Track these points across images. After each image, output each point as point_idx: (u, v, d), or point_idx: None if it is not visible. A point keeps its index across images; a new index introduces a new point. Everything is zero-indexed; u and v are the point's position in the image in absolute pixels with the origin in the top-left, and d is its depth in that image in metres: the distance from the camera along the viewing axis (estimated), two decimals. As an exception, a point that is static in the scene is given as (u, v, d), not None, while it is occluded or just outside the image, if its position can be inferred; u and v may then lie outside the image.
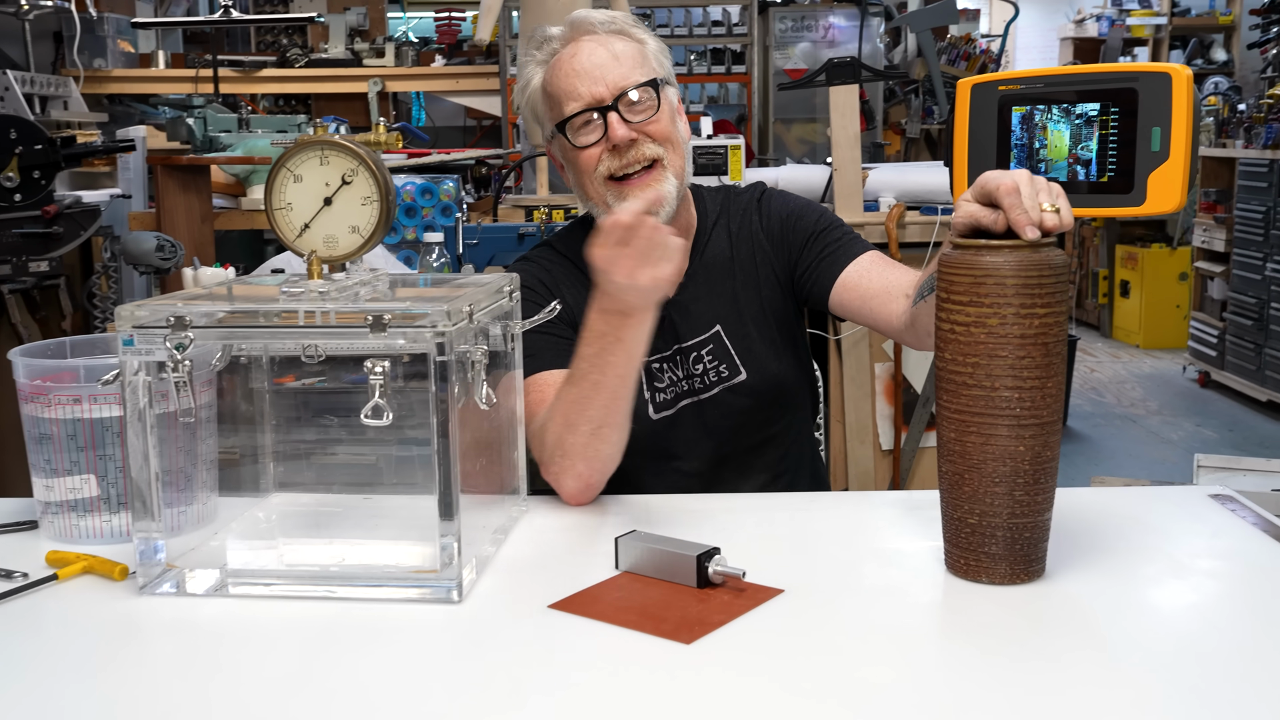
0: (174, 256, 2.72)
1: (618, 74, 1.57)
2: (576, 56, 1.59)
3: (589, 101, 1.57)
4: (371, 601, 1.20)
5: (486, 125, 6.57)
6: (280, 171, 1.30)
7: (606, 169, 1.58)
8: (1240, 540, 1.34)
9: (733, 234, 1.72)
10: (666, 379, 1.68)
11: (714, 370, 1.68)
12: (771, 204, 1.74)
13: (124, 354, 1.19)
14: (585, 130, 1.58)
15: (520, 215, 3.32)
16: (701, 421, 1.66)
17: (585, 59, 1.58)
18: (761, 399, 1.69)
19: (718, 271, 1.70)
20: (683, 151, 1.63)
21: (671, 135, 1.60)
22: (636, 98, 1.57)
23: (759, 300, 1.70)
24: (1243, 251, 5.82)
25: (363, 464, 1.43)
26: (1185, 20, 8.63)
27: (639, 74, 1.59)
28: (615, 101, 1.56)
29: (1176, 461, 4.85)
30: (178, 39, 6.20)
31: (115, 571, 1.25)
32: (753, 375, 1.67)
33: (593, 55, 1.58)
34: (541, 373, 1.57)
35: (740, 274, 1.70)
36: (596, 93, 1.57)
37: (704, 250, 1.71)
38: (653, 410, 1.67)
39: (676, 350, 1.68)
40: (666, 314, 1.64)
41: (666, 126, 1.60)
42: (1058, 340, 1.15)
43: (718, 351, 1.68)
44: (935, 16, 4.71)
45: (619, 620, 1.13)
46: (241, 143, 3.54)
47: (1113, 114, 1.34)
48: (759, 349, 1.68)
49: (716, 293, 1.69)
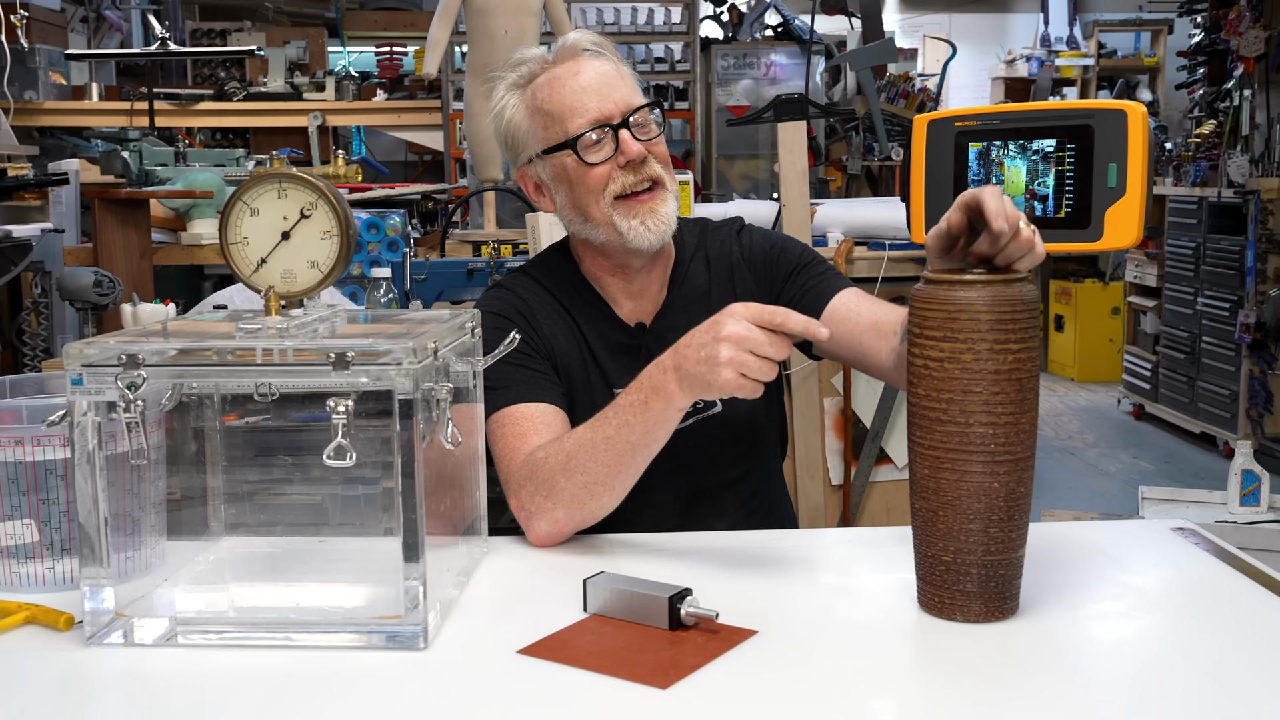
0: (112, 292, 2.64)
1: (624, 92, 1.56)
2: (579, 74, 1.56)
3: (598, 118, 1.54)
4: (331, 649, 1.15)
5: (428, 160, 6.54)
6: (236, 205, 1.26)
7: (620, 186, 1.55)
8: (1205, 574, 1.34)
9: (711, 264, 1.70)
10: None
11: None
12: (753, 236, 1.74)
13: (72, 394, 1.14)
14: (596, 147, 1.55)
15: (468, 250, 3.29)
16: (675, 454, 1.63)
17: (590, 76, 1.56)
18: (735, 432, 1.66)
19: (696, 302, 1.67)
20: (674, 176, 1.62)
21: (667, 159, 1.61)
22: (642, 119, 1.57)
23: None
24: (1174, 286, 5.95)
25: (311, 504, 1.39)
26: (1112, 61, 8.86)
27: (639, 96, 1.59)
28: (626, 119, 1.55)
29: (1116, 493, 4.92)
30: (111, 71, 6.09)
31: (60, 621, 1.20)
32: (728, 407, 1.63)
33: (597, 73, 1.56)
34: (513, 406, 1.53)
35: (718, 305, 1.65)
36: (606, 109, 1.54)
37: (683, 280, 1.69)
38: None
39: None
40: (643, 343, 1.64)
41: (665, 150, 1.60)
42: (1031, 375, 1.14)
43: None
44: (875, 55, 4.77)
45: (591, 665, 1.10)
46: (181, 176, 3.47)
47: (1069, 150, 1.35)
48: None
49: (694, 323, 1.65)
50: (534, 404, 1.54)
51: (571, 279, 1.67)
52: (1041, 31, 9.17)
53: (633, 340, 1.65)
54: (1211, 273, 5.61)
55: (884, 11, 8.00)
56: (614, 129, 1.54)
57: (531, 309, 1.64)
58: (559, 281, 1.67)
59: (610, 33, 5.41)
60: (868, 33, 5.87)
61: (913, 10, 9.68)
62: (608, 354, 1.64)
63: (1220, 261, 5.54)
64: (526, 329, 1.59)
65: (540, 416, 1.52)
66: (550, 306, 1.65)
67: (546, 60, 1.59)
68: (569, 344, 1.63)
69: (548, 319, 1.64)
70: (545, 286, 1.67)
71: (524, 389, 1.54)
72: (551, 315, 1.64)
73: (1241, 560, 1.36)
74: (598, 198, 1.55)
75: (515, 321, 1.60)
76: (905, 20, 9.60)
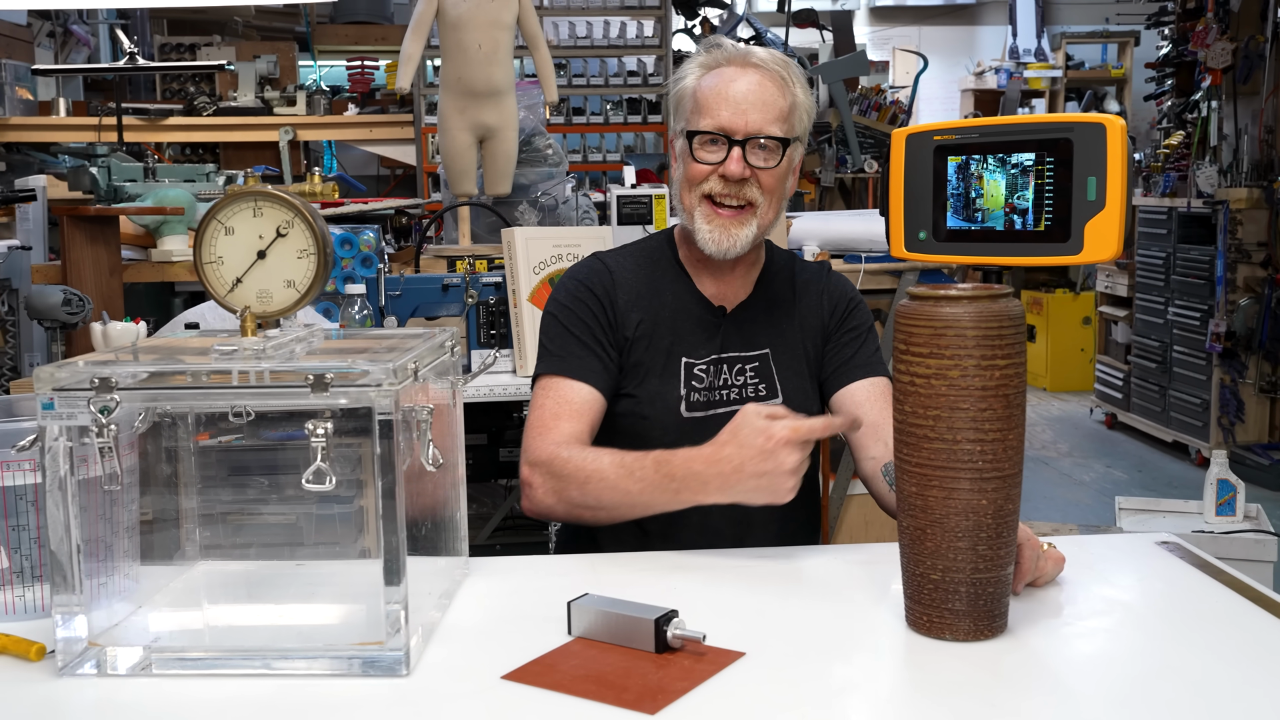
0: (82, 311, 2.61)
1: (761, 116, 1.62)
2: (737, 82, 1.63)
3: (724, 127, 1.62)
4: (311, 677, 1.13)
5: (400, 175, 6.50)
6: (210, 223, 1.24)
7: (710, 189, 1.64)
8: (1190, 587, 1.34)
9: (798, 286, 1.78)
10: (706, 380, 1.71)
11: (753, 386, 1.72)
12: (839, 281, 1.82)
13: (44, 418, 1.11)
14: (708, 148, 1.64)
15: (443, 265, 3.27)
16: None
17: (743, 87, 1.63)
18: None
19: (777, 306, 1.76)
20: (778, 206, 1.69)
21: (776, 190, 1.66)
22: (765, 145, 1.63)
23: (805, 347, 1.76)
24: (1145, 296, 5.99)
25: (286, 524, 1.36)
26: (1080, 73, 8.94)
27: (778, 127, 1.64)
28: (746, 139, 1.62)
29: (1091, 503, 4.94)
30: (79, 86, 6.03)
31: (31, 651, 1.17)
32: (788, 401, 1.70)
33: (751, 88, 1.63)
34: (558, 379, 1.65)
35: (799, 318, 1.77)
36: (735, 123, 1.62)
37: (769, 283, 1.77)
38: (685, 408, 1.69)
39: (721, 358, 1.72)
40: (722, 324, 1.72)
41: (776, 181, 1.65)
42: (1017, 391, 1.14)
43: (761, 371, 1.73)
44: (847, 68, 4.79)
45: (577, 690, 1.08)
46: (151, 193, 3.43)
47: (1048, 164, 1.35)
48: (797, 384, 1.74)
49: (772, 321, 1.76)
50: (577, 383, 1.65)
51: (668, 256, 1.77)
52: (1010, 44, 9.25)
53: (714, 319, 1.73)
54: (1182, 282, 5.65)
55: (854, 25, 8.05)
56: (731, 143, 1.62)
57: (615, 282, 1.73)
58: (656, 259, 1.77)
59: (583, 46, 5.40)
60: (839, 46, 5.90)
61: (882, 23, 9.74)
62: (689, 325, 1.72)
63: (1190, 271, 5.58)
64: (599, 303, 1.71)
65: (579, 401, 1.64)
66: (638, 278, 1.74)
67: (731, 56, 1.66)
68: (649, 314, 1.71)
69: (629, 292, 1.73)
70: (639, 261, 1.77)
71: (574, 363, 1.66)
72: (637, 287, 1.73)
73: (1225, 573, 1.36)
74: (692, 188, 1.66)
75: (594, 292, 1.71)
76: (875, 33, 9.66)
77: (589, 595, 1.23)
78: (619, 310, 1.71)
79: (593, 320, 1.69)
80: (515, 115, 3.64)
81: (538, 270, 2.65)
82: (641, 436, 1.65)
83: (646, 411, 1.69)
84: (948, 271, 3.30)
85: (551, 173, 3.82)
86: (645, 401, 1.69)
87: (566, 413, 1.62)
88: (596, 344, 1.68)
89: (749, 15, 6.31)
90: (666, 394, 1.69)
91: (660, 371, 1.70)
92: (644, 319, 1.71)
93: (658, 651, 1.14)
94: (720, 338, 1.72)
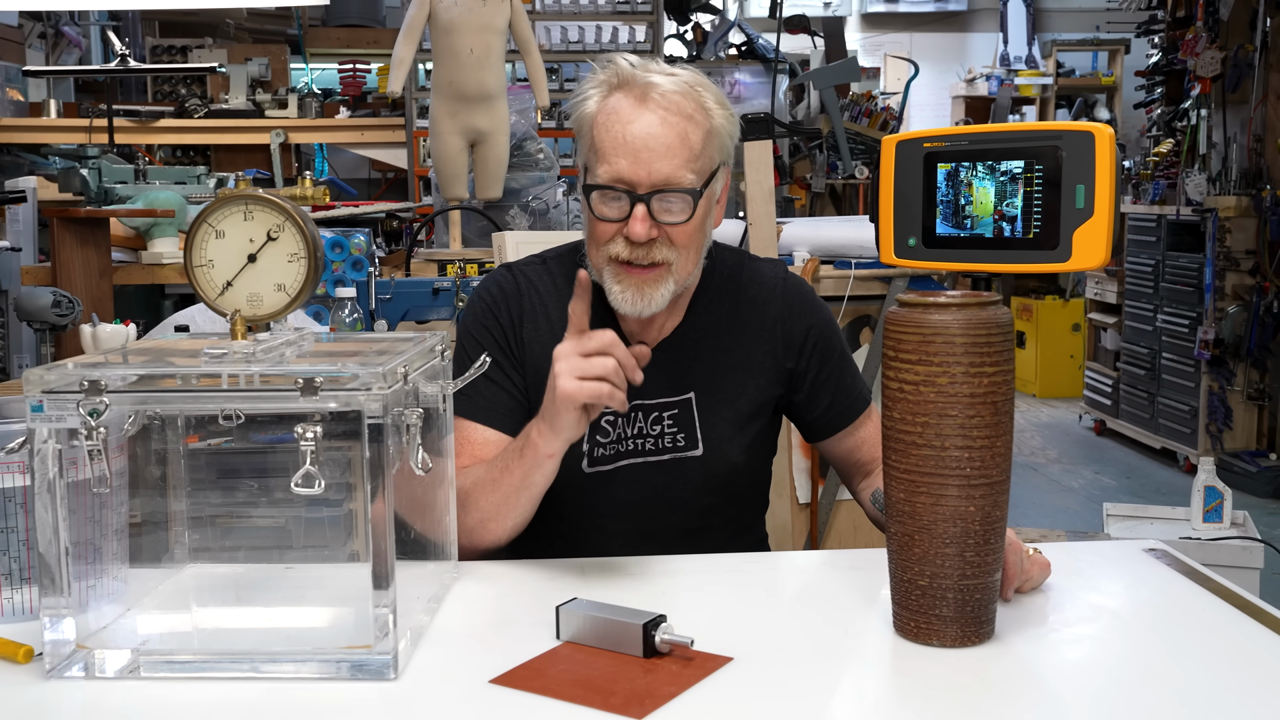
0: (71, 313, 2.60)
1: (666, 166, 1.43)
2: (634, 124, 1.44)
3: (623, 179, 1.44)
4: (299, 680, 1.13)
5: (391, 178, 6.50)
6: (201, 227, 1.24)
7: (618, 252, 1.47)
8: (1178, 595, 1.34)
9: (740, 308, 1.61)
10: (613, 434, 1.57)
11: (670, 436, 1.57)
12: (797, 303, 1.63)
13: (33, 421, 1.11)
14: (609, 204, 1.46)
15: (433, 269, 3.27)
16: (640, 485, 1.58)
17: (640, 132, 1.43)
18: (711, 481, 1.59)
19: (708, 337, 1.59)
20: (698, 255, 1.52)
21: (692, 241, 1.48)
22: (672, 201, 1.45)
23: (743, 385, 1.59)
24: (1134, 303, 6.01)
25: (275, 527, 1.36)
26: (1070, 80, 8.98)
27: (688, 173, 1.44)
28: (650, 195, 1.44)
29: (1079, 509, 4.95)
30: (70, 87, 6.02)
31: (19, 654, 1.16)
32: (709, 453, 1.58)
33: (650, 132, 1.43)
34: (464, 421, 1.56)
35: (737, 351, 1.60)
36: (636, 175, 1.43)
37: (704, 310, 1.60)
38: (586, 464, 1.57)
39: (636, 406, 1.56)
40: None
41: (690, 233, 1.47)
42: (1006, 399, 1.14)
43: (682, 419, 1.57)
44: (838, 74, 4.80)
45: (565, 695, 1.08)
46: (142, 194, 3.43)
47: (1037, 171, 1.35)
48: (723, 431, 1.58)
49: (702, 356, 1.59)
50: (480, 426, 1.56)
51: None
52: (1001, 51, 9.29)
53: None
54: (1171, 290, 5.68)
55: (846, 31, 8.07)
56: (633, 198, 1.44)
57: (522, 308, 1.59)
58: (571, 277, 1.58)
59: (574, 50, 5.41)
60: (831, 52, 5.91)
61: (874, 29, 9.77)
62: None
63: (1179, 279, 5.60)
64: (501, 330, 1.58)
65: (480, 443, 1.55)
66: (549, 301, 1.60)
67: (629, 80, 1.47)
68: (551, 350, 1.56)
69: (535, 316, 1.59)
70: (556, 277, 1.62)
71: (478, 403, 1.56)
72: (545, 311, 1.59)
73: (1213, 581, 1.37)
74: (599, 248, 1.49)
75: (498, 318, 1.59)
76: (866, 39, 9.69)
77: (577, 600, 1.23)
78: (523, 339, 1.58)
79: (496, 350, 1.56)
80: (506, 120, 3.64)
81: (528, 274, 2.65)
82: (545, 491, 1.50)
83: None
84: (938, 278, 3.31)
85: (543, 177, 3.83)
86: None
87: (466, 453, 1.53)
88: (503, 376, 1.56)
89: (740, 20, 6.33)
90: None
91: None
92: (545, 356, 1.43)
93: (646, 656, 1.15)
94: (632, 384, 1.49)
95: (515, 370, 1.58)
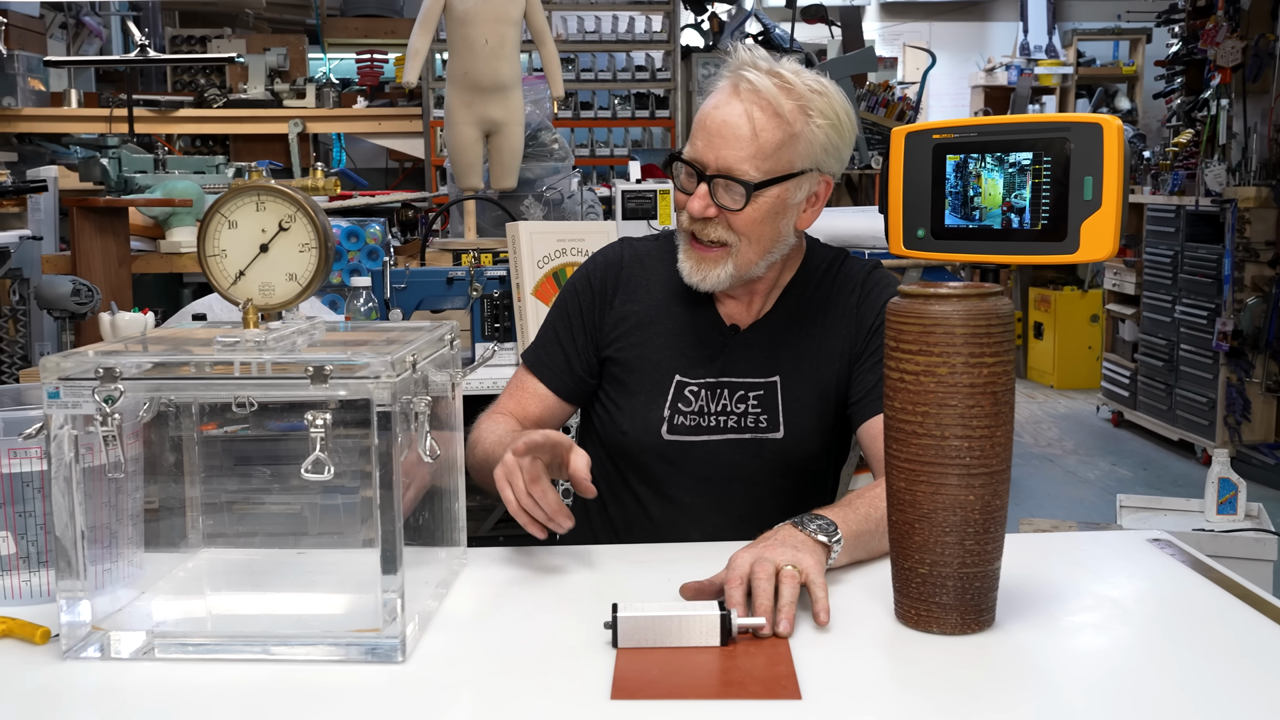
0: (90, 301, 2.63)
1: (730, 155, 1.50)
2: (718, 110, 1.52)
3: (697, 159, 1.52)
4: (308, 663, 1.15)
5: (409, 168, 6.52)
6: (214, 217, 1.26)
7: (684, 222, 1.57)
8: (1180, 585, 1.35)
9: (829, 299, 1.65)
10: (695, 404, 1.62)
11: (754, 416, 1.62)
12: (878, 288, 1.66)
13: (49, 407, 1.14)
14: (683, 177, 1.55)
15: (448, 259, 3.29)
16: (717, 461, 1.62)
17: (720, 118, 1.51)
18: (787, 465, 1.63)
19: (799, 326, 1.64)
20: (763, 247, 1.56)
21: (753, 231, 1.53)
22: (730, 188, 1.51)
23: (822, 371, 1.63)
24: (1152, 294, 5.99)
25: (289, 514, 1.38)
26: (1090, 70, 8.92)
27: (751, 167, 1.50)
28: (713, 177, 1.51)
29: (1095, 501, 4.94)
30: (90, 77, 6.06)
31: (36, 635, 1.19)
32: (789, 437, 1.61)
33: (727, 120, 1.50)
34: (523, 367, 1.70)
35: (820, 337, 1.64)
36: (705, 157, 1.51)
37: (795, 300, 1.65)
38: (666, 430, 1.62)
39: (720, 381, 1.62)
40: (729, 344, 1.62)
41: (748, 222, 1.52)
42: (1006, 389, 1.15)
43: (766, 400, 1.62)
44: (855, 64, 4.79)
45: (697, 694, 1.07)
46: (160, 184, 3.46)
47: (1045, 163, 1.36)
48: (804, 418, 1.62)
49: (789, 343, 1.64)
50: (532, 378, 1.69)
51: None
52: (1021, 40, 9.23)
53: (721, 338, 1.63)
54: (1189, 281, 5.65)
55: (864, 20, 8.05)
56: (699, 177, 1.52)
57: (621, 278, 1.68)
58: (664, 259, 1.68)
59: (591, 41, 5.41)
60: (848, 41, 5.89)
61: (893, 19, 9.73)
62: (691, 340, 1.63)
63: (1198, 270, 5.57)
64: (592, 298, 1.67)
65: (529, 392, 1.68)
66: (655, 276, 1.68)
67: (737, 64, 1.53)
68: (647, 318, 1.65)
69: (634, 288, 1.67)
70: (665, 256, 1.67)
71: (540, 356, 1.69)
72: (648, 285, 1.67)
73: (1215, 571, 1.38)
74: (677, 214, 1.59)
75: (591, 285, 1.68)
76: (885, 29, 9.65)
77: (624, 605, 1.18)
78: (614, 309, 1.66)
79: (578, 315, 1.67)
80: (521, 110, 3.65)
81: (541, 264, 2.67)
82: (623, 452, 1.64)
83: (625, 427, 1.63)
84: (951, 269, 3.31)
85: (557, 167, 3.84)
86: (625, 416, 1.63)
87: (514, 395, 1.69)
88: (571, 342, 1.66)
89: (757, 10, 6.32)
90: (648, 412, 1.62)
91: (648, 387, 1.62)
92: (641, 324, 1.64)
93: (724, 644, 1.15)
94: (723, 360, 1.62)
95: (591, 339, 1.67)
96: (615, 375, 1.65)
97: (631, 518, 1.66)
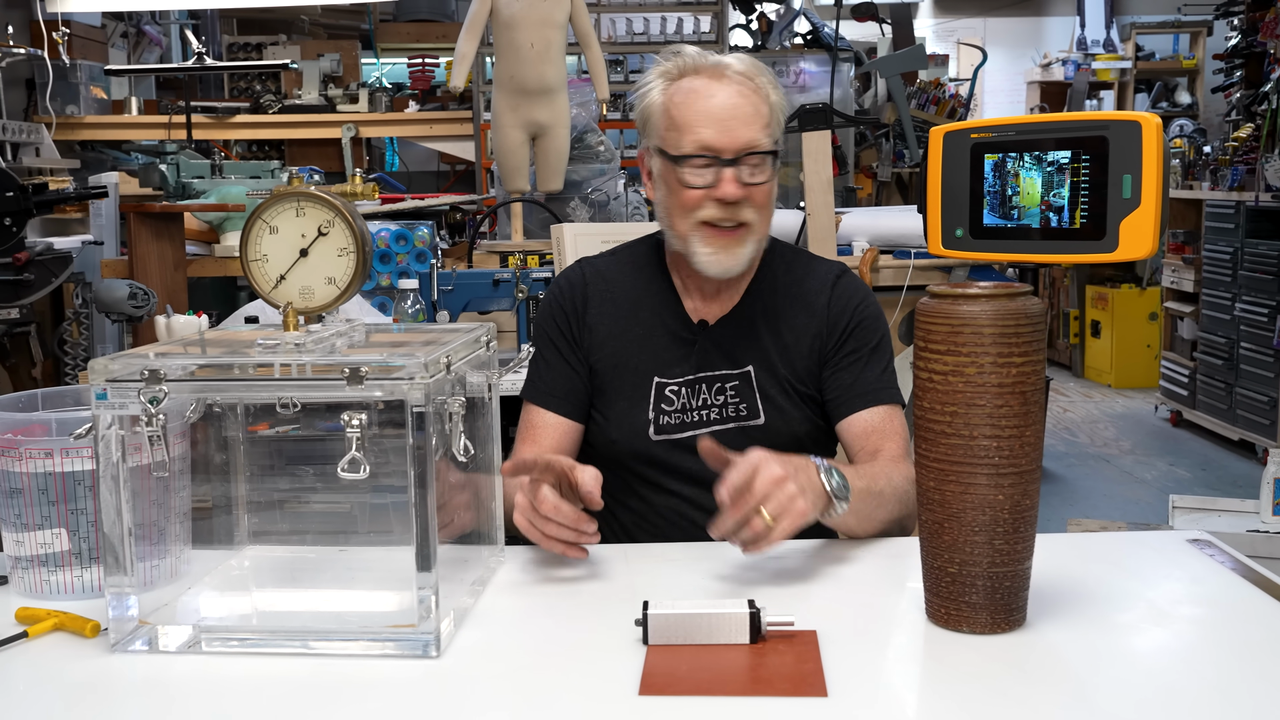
0: (147, 304, 2.70)
1: (748, 133, 1.56)
2: (714, 97, 1.57)
3: (710, 147, 1.56)
4: (347, 657, 1.18)
5: (460, 170, 6.59)
6: (256, 223, 1.29)
7: (708, 215, 1.58)
8: (1218, 586, 1.34)
9: (794, 297, 1.70)
10: (677, 403, 1.66)
11: (734, 405, 1.66)
12: (847, 291, 1.71)
13: (97, 408, 1.18)
14: (698, 173, 1.57)
15: (495, 261, 3.33)
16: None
17: (722, 103, 1.57)
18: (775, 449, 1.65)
19: (765, 318, 1.69)
20: (770, 216, 1.63)
21: (769, 201, 1.61)
22: (756, 162, 1.57)
23: (792, 365, 1.68)
24: (1211, 292, 5.88)
25: (337, 513, 1.41)
26: (1150, 64, 8.78)
27: (765, 138, 1.58)
28: (737, 159, 1.56)
29: (1151, 501, 4.87)
30: (150, 85, 6.19)
31: (86, 628, 1.23)
32: (770, 421, 1.66)
33: (731, 102, 1.57)
34: (529, 405, 1.70)
35: (788, 334, 1.68)
36: (721, 142, 1.56)
37: (760, 293, 1.69)
38: (653, 431, 1.66)
39: (698, 378, 1.67)
40: (699, 340, 1.67)
41: (769, 193, 1.61)
42: (1035, 389, 1.15)
43: (742, 390, 1.66)
44: (905, 62, 4.77)
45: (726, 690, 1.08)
46: (215, 189, 3.53)
47: (1084, 161, 1.35)
48: (780, 402, 1.67)
49: (757, 334, 1.69)
50: (538, 409, 1.69)
51: (654, 264, 1.73)
52: (1078, 34, 9.11)
53: (691, 335, 1.68)
54: (1249, 278, 5.55)
55: (916, 16, 7.99)
56: (721, 163, 1.56)
57: (587, 296, 1.72)
58: (641, 266, 1.74)
59: (639, 42, 5.44)
60: (898, 39, 5.86)
61: (946, 14, 9.65)
62: (663, 343, 1.68)
63: (1258, 266, 5.47)
64: (565, 319, 1.71)
65: (540, 426, 1.69)
66: (618, 289, 1.72)
67: (698, 65, 1.60)
68: (620, 330, 1.69)
69: (602, 303, 1.71)
70: (625, 268, 1.74)
71: (540, 388, 1.70)
72: (613, 298, 1.71)
73: (1257, 573, 1.36)
74: (686, 215, 1.60)
75: (563, 307, 1.71)
76: (939, 25, 9.58)
77: (655, 602, 1.20)
78: (587, 324, 1.70)
79: (559, 336, 1.70)
80: (567, 113, 3.68)
81: (586, 266, 2.69)
82: (616, 459, 1.66)
83: (614, 435, 1.67)
84: (999, 268, 3.28)
85: (603, 169, 3.86)
86: (613, 424, 1.67)
87: (527, 439, 1.68)
88: (563, 363, 1.69)
89: (806, 9, 6.30)
90: (634, 417, 1.66)
91: (629, 392, 1.66)
92: (613, 335, 1.68)
93: (753, 642, 1.16)
94: (696, 356, 1.66)
95: (578, 354, 1.70)
96: (598, 386, 1.69)
97: (639, 518, 1.69)
